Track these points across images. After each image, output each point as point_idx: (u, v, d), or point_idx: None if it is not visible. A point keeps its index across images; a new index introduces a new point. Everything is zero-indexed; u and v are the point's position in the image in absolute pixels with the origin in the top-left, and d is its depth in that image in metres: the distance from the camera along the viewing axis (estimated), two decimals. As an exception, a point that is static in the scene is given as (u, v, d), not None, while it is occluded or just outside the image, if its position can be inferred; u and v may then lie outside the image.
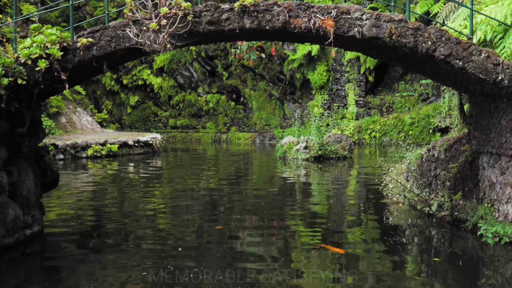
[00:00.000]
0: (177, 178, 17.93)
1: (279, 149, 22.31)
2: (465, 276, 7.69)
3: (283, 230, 10.42)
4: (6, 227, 8.35)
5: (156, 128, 36.09)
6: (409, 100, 29.92)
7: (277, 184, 16.26)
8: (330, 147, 21.29)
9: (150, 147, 26.00)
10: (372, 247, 9.03)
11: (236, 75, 35.08)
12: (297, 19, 8.10)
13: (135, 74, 36.10)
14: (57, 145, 22.60)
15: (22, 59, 8.06)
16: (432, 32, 8.11)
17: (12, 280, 7.62)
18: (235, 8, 8.10)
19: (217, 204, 13.12)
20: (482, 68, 8.10)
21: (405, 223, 10.84)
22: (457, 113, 12.04)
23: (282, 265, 8.01)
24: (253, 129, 34.33)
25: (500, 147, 8.94)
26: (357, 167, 19.89)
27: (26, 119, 8.92)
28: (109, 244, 9.26)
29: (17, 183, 9.00)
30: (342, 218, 11.45)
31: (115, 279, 7.48)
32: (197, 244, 9.36)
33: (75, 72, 8.45)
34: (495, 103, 9.01)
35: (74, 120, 28.60)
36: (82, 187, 15.71)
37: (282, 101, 34.08)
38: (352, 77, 30.92)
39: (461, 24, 11.78)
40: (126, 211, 12.05)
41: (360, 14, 8.13)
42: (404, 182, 12.64)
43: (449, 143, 11.06)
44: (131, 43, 8.18)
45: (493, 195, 9.18)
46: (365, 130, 29.32)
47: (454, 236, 9.65)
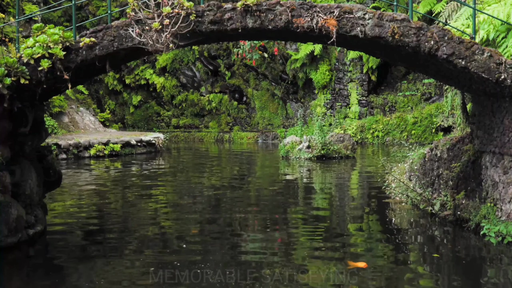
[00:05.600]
0: (179, 177, 17.94)
1: (281, 149, 22.30)
2: (468, 276, 7.68)
3: (285, 228, 10.42)
4: (9, 226, 8.37)
5: (158, 127, 36.09)
6: (412, 100, 29.88)
7: (280, 184, 16.26)
8: (333, 147, 21.27)
9: (152, 147, 26.01)
10: (374, 246, 9.03)
11: (238, 74, 35.07)
12: (300, 19, 8.10)
13: (138, 74, 36.11)
14: (60, 144, 22.63)
15: (24, 59, 8.08)
16: (435, 32, 8.10)
17: (15, 279, 7.64)
18: (237, 7, 8.11)
19: (220, 203, 13.13)
20: (484, 67, 8.09)
21: (408, 223, 10.84)
22: (460, 113, 12.02)
23: (285, 261, 8.02)
24: (256, 128, 34.31)
25: (503, 146, 8.92)
26: (359, 167, 19.87)
27: (28, 119, 8.94)
28: (111, 244, 9.27)
29: (20, 182, 9.01)
30: (345, 217, 11.45)
31: (117, 278, 7.49)
32: (200, 241, 9.38)
33: (77, 72, 8.46)
34: (497, 103, 9.00)
35: (77, 119, 28.63)
36: (84, 186, 15.73)
37: (284, 100, 34.06)
38: (355, 77, 30.88)
39: (463, 23, 11.77)
40: (128, 211, 12.06)
41: (362, 13, 8.12)
42: (406, 181, 12.63)
43: (451, 142, 11.05)
44: (133, 43, 8.18)
45: (496, 195, 9.17)
46: (367, 129, 29.29)
47: (457, 235, 9.64)
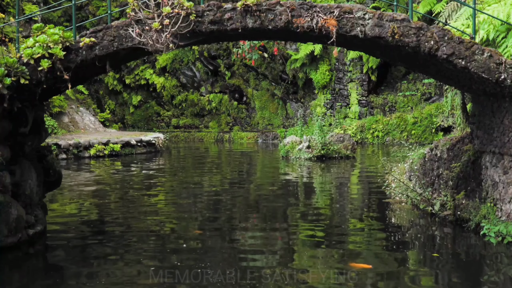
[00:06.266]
0: (179, 177, 17.93)
1: (281, 149, 22.30)
2: (468, 275, 7.68)
3: (285, 228, 10.42)
4: (9, 226, 8.37)
5: (158, 127, 36.09)
6: (412, 100, 29.88)
7: (280, 183, 16.26)
8: (333, 147, 21.27)
9: (152, 147, 26.01)
10: (374, 246, 9.03)
11: (238, 74, 35.06)
12: (300, 19, 8.10)
13: (138, 74, 36.10)
14: (60, 144, 22.63)
15: (24, 59, 8.08)
16: (435, 32, 8.10)
17: (15, 279, 7.64)
18: (237, 7, 8.11)
19: (220, 203, 13.13)
20: (484, 67, 8.09)
21: (408, 223, 10.83)
22: (460, 113, 12.02)
23: (286, 261, 8.02)
24: (256, 128, 34.31)
25: (503, 146, 8.92)
26: (359, 167, 19.87)
27: (28, 119, 8.94)
28: (112, 243, 9.27)
29: (20, 182, 9.01)
30: (345, 217, 11.45)
31: (118, 277, 7.49)
32: (200, 241, 9.38)
33: (77, 72, 8.46)
34: (497, 103, 9.00)
35: (77, 119, 28.63)
36: (84, 186, 15.73)
37: (284, 100, 34.06)
38: (355, 77, 30.87)
39: (463, 23, 11.77)
40: (128, 210, 12.06)
41: (362, 13, 8.12)
42: (406, 181, 12.63)
43: (451, 142, 11.05)
44: (133, 43, 8.18)
45: (496, 195, 9.17)
46: (367, 129, 29.28)
47: (457, 235, 9.64)
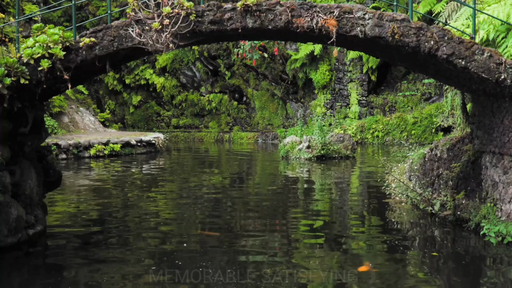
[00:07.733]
0: (179, 177, 17.93)
1: (281, 149, 22.30)
2: (467, 275, 7.68)
3: (285, 227, 10.42)
4: (9, 226, 8.37)
5: (158, 127, 36.09)
6: (412, 100, 29.89)
7: (280, 183, 16.26)
8: (333, 147, 21.27)
9: (152, 147, 26.01)
10: (374, 246, 9.03)
11: (238, 74, 35.06)
12: (300, 19, 8.10)
13: (138, 74, 36.10)
14: (60, 144, 22.63)
15: (24, 59, 8.07)
16: (435, 32, 8.10)
17: (15, 279, 7.64)
18: (237, 7, 8.11)
19: (220, 203, 13.13)
20: (484, 67, 8.09)
21: (408, 223, 10.83)
22: (460, 113, 12.02)
23: (286, 261, 8.02)
24: (256, 128, 34.31)
25: (502, 146, 8.92)
26: (359, 167, 19.87)
27: (28, 119, 8.93)
28: (111, 243, 9.27)
29: (19, 182, 9.01)
30: (345, 217, 11.45)
31: (118, 277, 7.49)
32: (201, 240, 9.38)
33: (77, 72, 8.45)
34: (497, 103, 9.00)
35: (77, 119, 28.63)
36: (84, 186, 15.73)
37: (284, 100, 34.06)
38: (355, 77, 30.88)
39: (463, 23, 11.78)
40: (128, 210, 12.06)
41: (362, 13, 8.12)
42: (406, 181, 12.63)
43: (451, 142, 11.05)
44: (133, 43, 8.18)
45: (496, 195, 9.17)
46: (367, 129, 29.29)
47: (457, 235, 9.64)
